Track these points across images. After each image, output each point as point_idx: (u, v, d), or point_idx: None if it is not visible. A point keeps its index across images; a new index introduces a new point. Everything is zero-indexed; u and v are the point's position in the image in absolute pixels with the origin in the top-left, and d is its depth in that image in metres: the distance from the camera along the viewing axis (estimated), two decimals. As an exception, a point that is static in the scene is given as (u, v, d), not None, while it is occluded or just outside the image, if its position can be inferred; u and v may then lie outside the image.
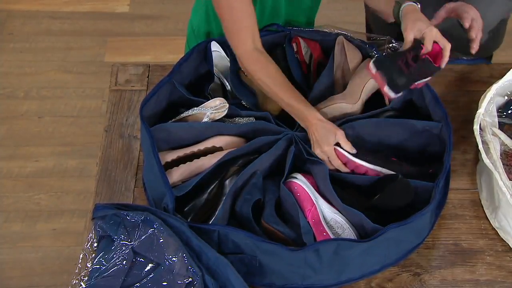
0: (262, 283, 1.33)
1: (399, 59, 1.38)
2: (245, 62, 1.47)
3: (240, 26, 1.44)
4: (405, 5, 1.46)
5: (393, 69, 1.37)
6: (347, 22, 1.80)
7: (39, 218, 2.42)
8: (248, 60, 1.46)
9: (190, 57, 1.57)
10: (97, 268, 1.26)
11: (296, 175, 1.42)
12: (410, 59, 1.38)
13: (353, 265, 1.32)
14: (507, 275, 1.38)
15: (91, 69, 2.89)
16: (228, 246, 1.32)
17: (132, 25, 3.08)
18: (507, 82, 1.54)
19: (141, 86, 1.68)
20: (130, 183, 1.50)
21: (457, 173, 1.53)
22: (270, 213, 1.37)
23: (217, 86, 1.61)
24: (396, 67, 1.37)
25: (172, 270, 1.25)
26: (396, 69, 1.37)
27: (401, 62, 1.38)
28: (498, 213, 1.42)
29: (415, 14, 1.43)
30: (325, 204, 1.39)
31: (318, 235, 1.35)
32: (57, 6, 3.13)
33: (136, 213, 1.30)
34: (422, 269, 1.39)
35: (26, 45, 2.97)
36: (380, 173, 1.42)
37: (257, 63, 1.46)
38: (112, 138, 1.58)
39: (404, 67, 1.37)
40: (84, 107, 2.76)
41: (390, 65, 1.37)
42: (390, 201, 1.37)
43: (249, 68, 1.46)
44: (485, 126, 1.46)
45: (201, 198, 1.39)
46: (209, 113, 1.47)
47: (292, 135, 1.46)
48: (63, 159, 2.59)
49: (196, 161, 1.44)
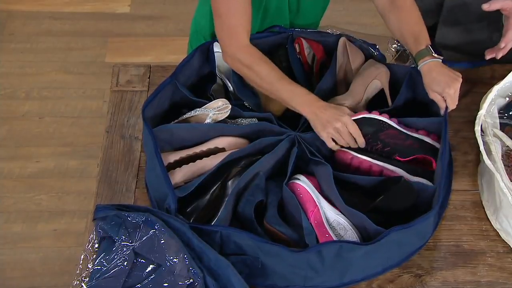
0: (264, 284, 1.33)
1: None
2: (242, 56, 1.46)
3: (238, 21, 1.44)
4: (425, 63, 1.43)
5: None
6: (348, 23, 1.81)
7: (40, 219, 2.42)
8: (245, 54, 1.46)
9: (192, 58, 1.57)
10: (98, 269, 1.26)
11: (299, 177, 1.42)
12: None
13: (355, 267, 1.32)
14: (508, 277, 1.38)
15: (92, 69, 2.89)
16: (230, 247, 1.31)
17: (133, 26, 3.07)
18: (509, 83, 1.54)
19: (142, 86, 1.68)
20: (131, 184, 1.50)
21: (458, 174, 1.53)
22: (273, 214, 1.37)
23: (220, 87, 1.61)
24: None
25: (173, 271, 1.25)
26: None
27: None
28: (499, 214, 1.42)
29: (433, 74, 1.42)
30: (328, 205, 1.39)
31: (321, 237, 1.35)
32: (58, 7, 3.12)
33: (137, 214, 1.30)
34: (423, 271, 1.39)
35: (27, 45, 2.97)
36: (384, 168, 1.42)
37: (254, 54, 1.46)
38: (113, 138, 1.58)
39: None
40: (85, 107, 2.76)
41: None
42: (392, 203, 1.37)
43: (247, 61, 1.45)
44: (486, 127, 1.46)
45: (203, 199, 1.39)
46: (212, 114, 1.47)
47: (295, 136, 1.46)
48: (64, 159, 2.58)
49: (199, 162, 1.44)
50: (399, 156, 1.44)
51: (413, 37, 1.47)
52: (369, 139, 1.44)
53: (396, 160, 1.45)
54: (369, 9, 1.77)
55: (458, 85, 1.41)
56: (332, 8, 1.76)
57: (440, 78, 1.41)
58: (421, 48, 1.44)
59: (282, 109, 1.52)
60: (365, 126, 1.43)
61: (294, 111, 1.51)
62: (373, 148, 1.45)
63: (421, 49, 1.44)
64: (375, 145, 1.45)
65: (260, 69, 1.45)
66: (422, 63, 1.44)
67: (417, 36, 1.46)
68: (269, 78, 1.44)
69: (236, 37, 1.46)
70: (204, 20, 1.71)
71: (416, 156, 1.45)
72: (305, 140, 1.46)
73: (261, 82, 1.45)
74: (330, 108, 1.41)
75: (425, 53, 1.43)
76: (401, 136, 1.46)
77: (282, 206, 1.42)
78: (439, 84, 1.41)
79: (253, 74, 1.45)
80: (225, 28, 1.46)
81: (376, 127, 1.44)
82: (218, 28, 1.47)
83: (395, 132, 1.45)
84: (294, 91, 1.43)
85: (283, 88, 1.43)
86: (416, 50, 1.45)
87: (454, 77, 1.42)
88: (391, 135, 1.45)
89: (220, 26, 1.47)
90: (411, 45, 1.47)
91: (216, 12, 1.46)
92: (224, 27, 1.46)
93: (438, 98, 1.44)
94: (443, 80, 1.41)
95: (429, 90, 1.44)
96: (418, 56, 1.45)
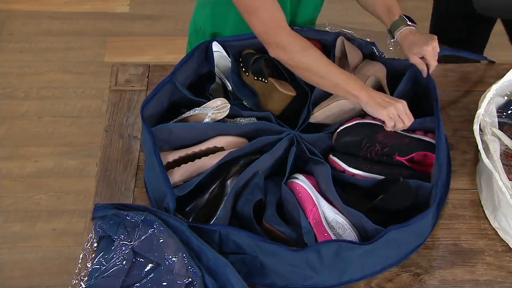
0: (263, 283, 1.33)
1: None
2: (295, 42, 1.41)
3: (277, 10, 1.41)
4: (401, 31, 1.50)
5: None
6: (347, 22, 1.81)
7: (39, 218, 2.42)
8: (297, 39, 1.42)
9: (191, 57, 1.57)
10: (97, 268, 1.26)
11: (298, 176, 1.42)
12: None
13: (354, 266, 1.32)
14: (507, 275, 1.38)
15: (91, 69, 2.89)
16: (229, 247, 1.32)
17: (132, 25, 3.08)
18: (507, 82, 1.54)
19: (141, 86, 1.68)
20: (130, 183, 1.50)
21: (457, 173, 1.53)
22: (272, 213, 1.38)
23: (218, 87, 1.61)
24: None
25: (172, 270, 1.25)
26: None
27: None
28: (498, 213, 1.42)
29: (410, 38, 1.49)
30: (327, 204, 1.39)
31: (319, 236, 1.35)
32: (57, 6, 3.13)
33: (136, 213, 1.30)
34: (422, 269, 1.39)
35: (26, 45, 2.97)
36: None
37: (303, 38, 1.44)
38: (112, 138, 1.58)
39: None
40: (84, 107, 2.76)
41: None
42: (391, 203, 1.37)
43: (300, 46, 1.41)
44: (485, 126, 1.46)
45: (202, 198, 1.39)
46: (211, 113, 1.47)
47: (294, 135, 1.46)
48: (63, 159, 2.58)
49: (198, 161, 1.44)
50: (399, 155, 1.44)
51: (386, 9, 1.54)
52: (367, 143, 1.44)
53: (393, 164, 1.45)
54: (368, 8, 1.77)
55: (434, 43, 1.48)
56: (331, 7, 1.76)
57: (417, 39, 1.49)
58: (395, 19, 1.51)
59: (281, 108, 1.53)
60: (361, 129, 1.44)
61: (293, 111, 1.52)
62: (372, 152, 1.45)
63: (395, 19, 1.51)
64: (373, 148, 1.45)
65: (315, 52, 1.43)
66: (398, 32, 1.51)
67: (389, 8, 1.53)
68: (325, 60, 1.43)
69: (282, 26, 1.42)
70: (204, 20, 1.71)
71: (417, 153, 1.45)
72: (304, 139, 1.46)
73: (319, 66, 1.42)
74: (381, 93, 1.44)
75: (399, 23, 1.51)
76: (398, 135, 1.46)
77: (281, 205, 1.42)
78: (417, 44, 1.48)
79: (310, 58, 1.42)
80: (266, 21, 1.41)
81: (372, 129, 1.44)
82: (257, 24, 1.42)
83: (392, 132, 1.45)
84: (348, 75, 1.43)
85: (338, 71, 1.43)
86: (391, 22, 1.52)
87: (429, 37, 1.49)
88: (388, 135, 1.45)
89: (259, 21, 1.41)
90: (385, 18, 1.54)
91: (248, 10, 1.41)
92: (266, 21, 1.41)
93: (418, 61, 1.50)
94: (420, 40, 1.48)
95: (409, 54, 1.51)
96: (393, 27, 1.52)
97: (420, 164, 1.47)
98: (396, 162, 1.45)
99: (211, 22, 1.67)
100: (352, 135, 1.45)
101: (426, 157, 1.46)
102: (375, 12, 1.57)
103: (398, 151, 1.45)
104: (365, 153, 1.46)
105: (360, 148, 1.46)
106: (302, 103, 1.52)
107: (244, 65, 1.57)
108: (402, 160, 1.45)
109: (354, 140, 1.45)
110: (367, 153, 1.45)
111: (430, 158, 1.45)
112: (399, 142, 1.45)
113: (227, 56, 1.60)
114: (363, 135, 1.44)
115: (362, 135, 1.44)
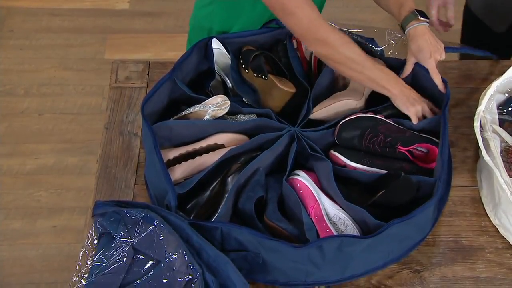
0: (265, 280, 1.34)
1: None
2: (335, 37, 1.41)
3: (314, 8, 1.41)
4: (412, 27, 1.49)
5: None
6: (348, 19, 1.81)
7: (39, 215, 2.42)
8: (336, 34, 1.42)
9: (191, 54, 1.57)
10: (97, 265, 1.26)
11: (299, 172, 1.42)
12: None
13: (356, 262, 1.32)
14: (507, 272, 1.39)
15: (91, 66, 2.88)
16: (231, 244, 1.31)
17: (132, 22, 3.07)
18: (508, 79, 1.54)
19: (141, 83, 1.68)
20: (130, 181, 1.50)
21: (457, 170, 1.53)
22: (273, 210, 1.37)
23: (218, 84, 1.61)
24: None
25: (172, 267, 1.25)
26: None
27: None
28: (498, 210, 1.42)
29: (418, 41, 1.48)
30: (328, 200, 1.39)
31: (321, 232, 1.35)
32: (57, 3, 3.12)
33: (136, 210, 1.30)
34: (422, 266, 1.39)
35: (26, 42, 2.97)
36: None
37: (341, 32, 1.45)
38: (112, 135, 1.58)
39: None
40: (84, 104, 2.75)
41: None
42: (393, 198, 1.37)
43: (340, 40, 1.42)
44: (485, 123, 1.46)
45: (203, 196, 1.39)
46: (211, 110, 1.47)
47: (294, 132, 1.46)
48: (63, 156, 2.58)
49: (198, 158, 1.44)
50: (401, 145, 1.44)
51: (399, 4, 1.52)
52: (370, 133, 1.44)
53: (395, 158, 1.45)
54: (369, 5, 1.77)
55: (438, 56, 1.49)
56: (332, 4, 1.76)
57: (424, 45, 1.48)
58: (406, 13, 1.50)
59: (281, 105, 1.52)
60: (364, 122, 1.44)
61: (293, 107, 1.51)
62: (374, 142, 1.45)
63: (406, 14, 1.50)
64: (376, 139, 1.45)
65: (354, 45, 1.44)
66: (409, 27, 1.49)
67: (402, 4, 1.52)
68: (363, 54, 1.44)
69: (321, 23, 1.41)
70: (202, 16, 1.70)
71: (420, 144, 1.45)
72: (304, 135, 1.46)
73: (357, 59, 1.43)
74: (412, 89, 1.46)
75: (411, 18, 1.50)
76: (400, 129, 1.46)
77: (282, 202, 1.42)
78: (422, 53, 1.48)
79: (350, 51, 1.43)
80: (305, 21, 1.40)
81: (374, 122, 1.45)
82: (296, 24, 1.42)
83: (394, 126, 1.46)
84: (382, 69, 1.46)
85: (373, 65, 1.45)
86: (402, 16, 1.51)
87: (435, 48, 1.49)
88: (390, 128, 1.45)
89: (298, 21, 1.41)
90: (397, 14, 1.53)
91: (286, 12, 1.40)
92: (305, 20, 1.40)
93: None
94: (426, 50, 1.48)
95: (412, 57, 1.51)
96: (404, 22, 1.50)
97: (422, 160, 1.47)
98: (398, 155, 1.45)
99: (219, 21, 1.67)
100: (355, 127, 1.45)
101: (428, 153, 1.47)
102: (388, 7, 1.56)
103: (401, 140, 1.45)
104: (368, 145, 1.45)
105: (363, 141, 1.45)
106: (302, 100, 1.52)
107: (243, 62, 1.57)
108: (404, 151, 1.44)
109: (356, 132, 1.45)
110: (370, 144, 1.45)
111: (432, 155, 1.45)
112: (402, 135, 1.46)
113: (227, 53, 1.60)
114: (366, 126, 1.44)
115: (365, 126, 1.44)
